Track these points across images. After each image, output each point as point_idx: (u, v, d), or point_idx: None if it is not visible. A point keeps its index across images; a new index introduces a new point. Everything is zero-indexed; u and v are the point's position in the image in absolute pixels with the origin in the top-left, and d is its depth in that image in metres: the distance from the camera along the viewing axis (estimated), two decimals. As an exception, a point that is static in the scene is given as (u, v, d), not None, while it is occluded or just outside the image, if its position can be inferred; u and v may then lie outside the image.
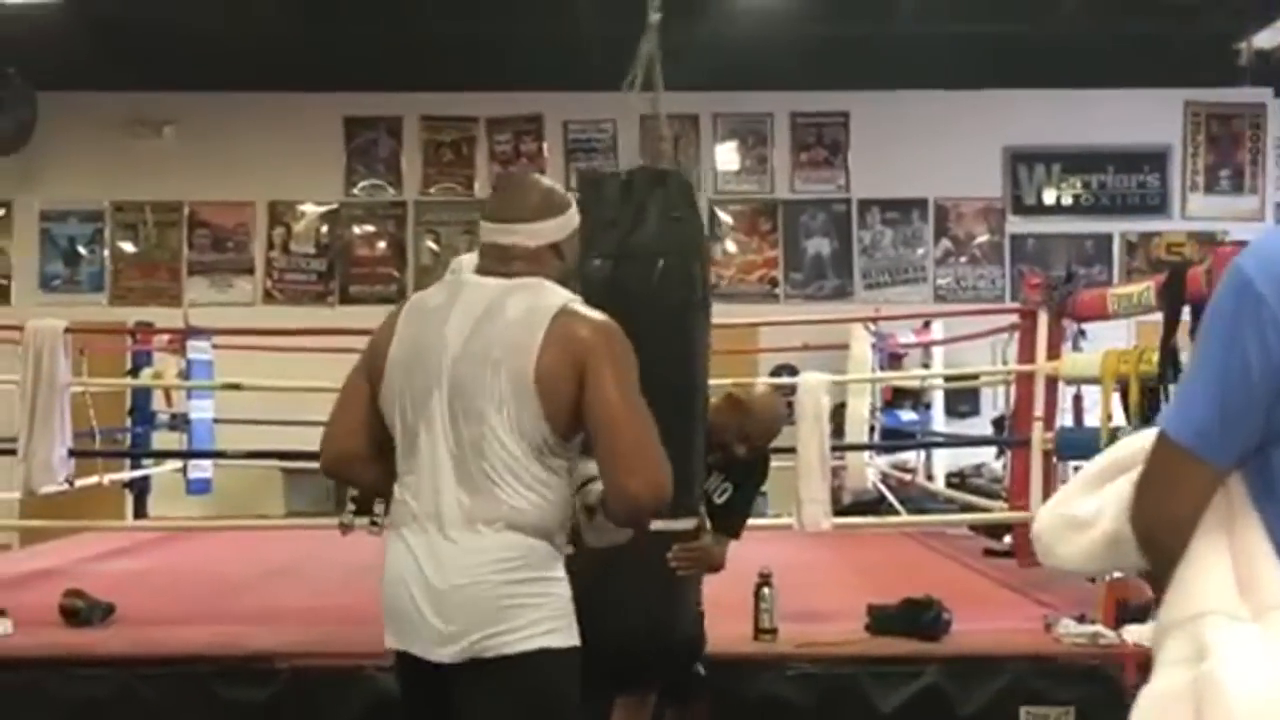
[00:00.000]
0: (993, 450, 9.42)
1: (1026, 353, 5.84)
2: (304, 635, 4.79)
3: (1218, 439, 1.61)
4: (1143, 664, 4.37)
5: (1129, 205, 10.96)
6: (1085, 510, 1.83)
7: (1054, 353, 5.61)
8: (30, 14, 8.96)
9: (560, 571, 2.43)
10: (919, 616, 4.65)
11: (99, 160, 10.77)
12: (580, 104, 10.88)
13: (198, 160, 10.76)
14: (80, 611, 4.96)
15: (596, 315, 2.45)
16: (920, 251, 11.01)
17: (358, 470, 2.63)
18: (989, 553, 7.14)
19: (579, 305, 2.46)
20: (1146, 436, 1.77)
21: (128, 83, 10.49)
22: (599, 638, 2.54)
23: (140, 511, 8.98)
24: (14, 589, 5.52)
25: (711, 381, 3.77)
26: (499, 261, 2.52)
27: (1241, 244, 4.77)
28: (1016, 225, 10.96)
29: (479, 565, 2.35)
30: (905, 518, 7.43)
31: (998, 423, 9.24)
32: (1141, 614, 4.74)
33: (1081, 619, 4.71)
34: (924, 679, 4.46)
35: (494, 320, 2.41)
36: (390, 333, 2.49)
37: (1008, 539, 7.63)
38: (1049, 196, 10.99)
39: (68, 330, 5.77)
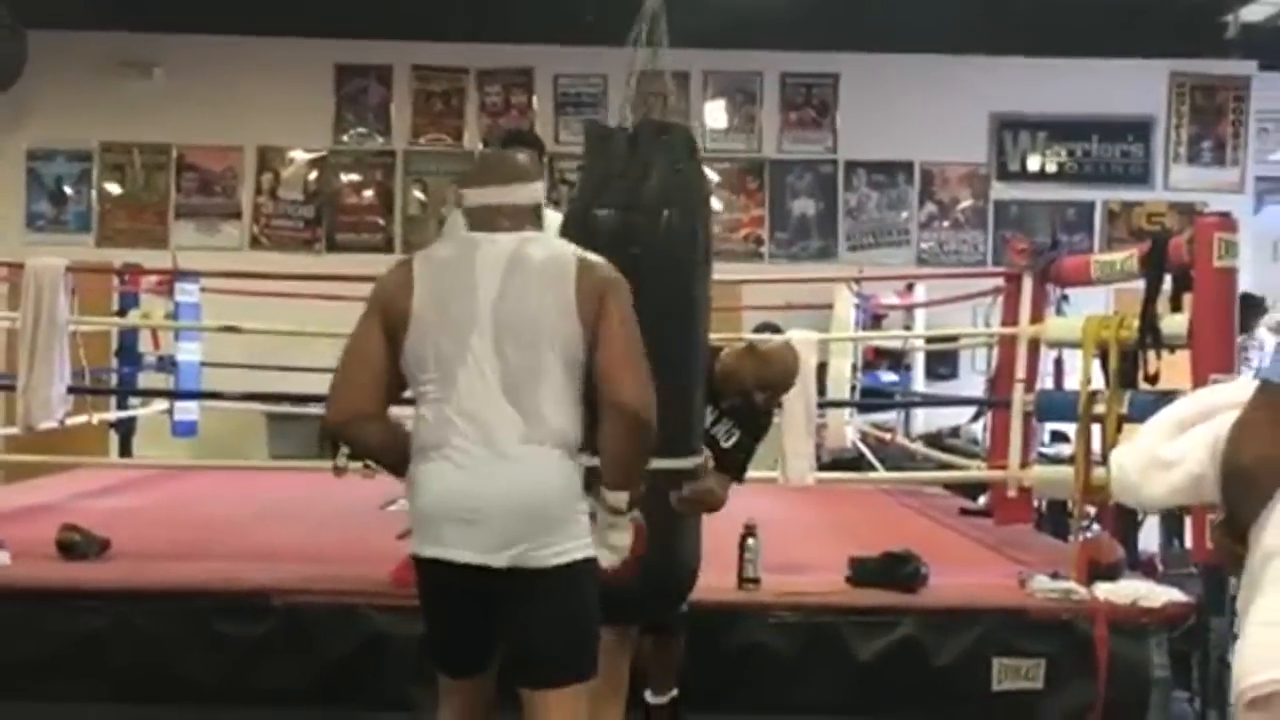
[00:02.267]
0: (969, 413, 9.58)
1: (1010, 316, 5.95)
2: (297, 572, 4.88)
3: None
4: (1112, 619, 4.56)
5: (1112, 174, 11.08)
6: (1172, 452, 2.14)
7: (1037, 317, 5.74)
8: (21, -49, 8.94)
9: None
10: (898, 569, 4.79)
11: (88, 101, 10.74)
12: (571, 58, 10.91)
13: (187, 103, 10.74)
14: (76, 545, 5.05)
15: (601, 261, 2.83)
16: (904, 214, 11.12)
17: (365, 428, 2.85)
18: (965, 512, 7.30)
19: (586, 253, 2.83)
20: (1226, 388, 2.06)
21: (118, 23, 10.45)
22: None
23: (125, 451, 9.05)
24: (8, 523, 5.59)
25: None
26: (488, 223, 2.81)
27: (1222, 214, 4.91)
28: (1000, 191, 11.07)
29: (532, 481, 2.65)
30: (886, 474, 7.56)
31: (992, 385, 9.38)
32: (1112, 572, 4.91)
33: (1055, 576, 4.86)
34: (901, 629, 4.61)
35: (525, 265, 2.73)
36: (405, 286, 2.75)
37: (983, 499, 7.80)
38: (1033, 163, 11.10)
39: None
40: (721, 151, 10.95)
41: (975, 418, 9.16)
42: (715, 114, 11.11)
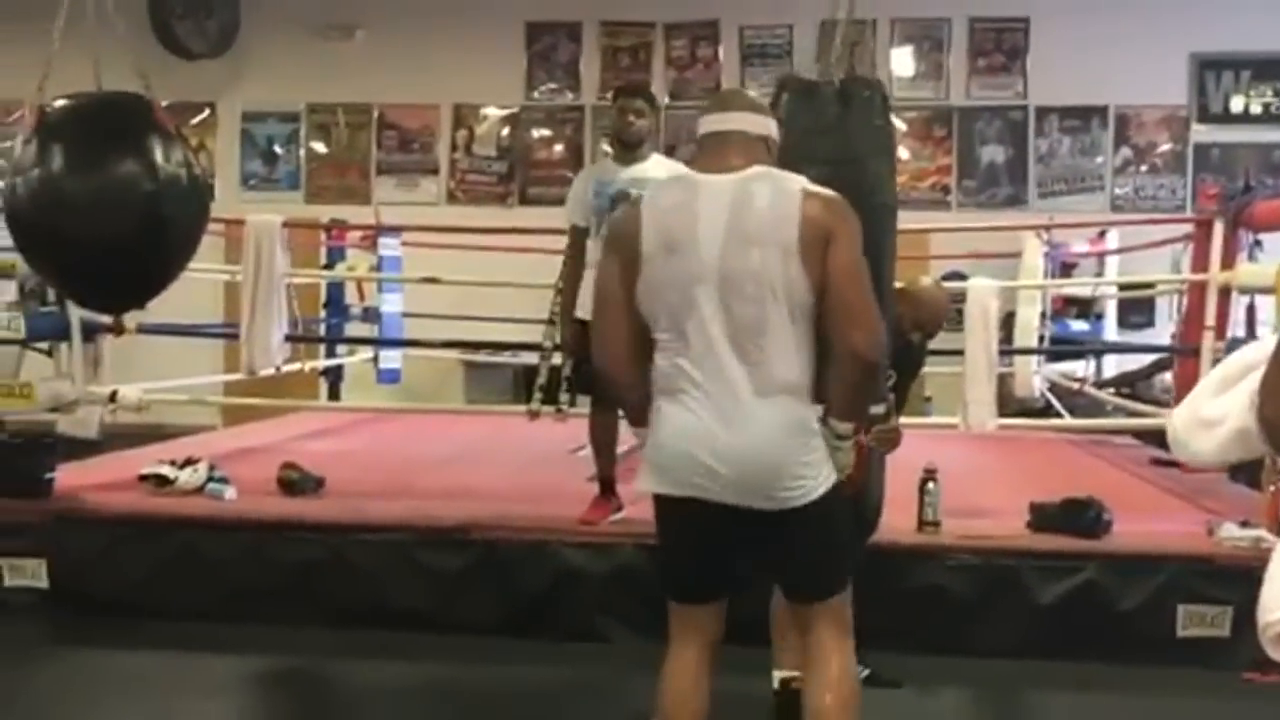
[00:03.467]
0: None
1: (1200, 262, 5.84)
2: (494, 510, 5.17)
3: None
4: (1303, 569, 4.49)
5: (1322, 113, 10.60)
6: (1214, 410, 2.20)
7: (1228, 263, 5.62)
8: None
9: None
10: (1080, 515, 4.81)
11: (295, 63, 11.26)
12: (756, 9, 10.96)
13: (386, 64, 11.17)
14: (295, 482, 5.45)
15: (832, 193, 2.82)
16: (1099, 160, 10.85)
17: (627, 370, 2.92)
18: (1156, 461, 7.19)
19: (814, 185, 2.82)
20: (1264, 345, 2.06)
21: (322, -13, 10.93)
22: None
23: (334, 397, 9.57)
24: (232, 461, 6.02)
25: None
26: (718, 155, 2.87)
27: None
28: (1201, 134, 10.69)
29: (765, 437, 2.76)
30: (1068, 420, 7.45)
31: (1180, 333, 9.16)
32: (1305, 522, 4.82)
33: (1244, 524, 4.81)
34: (1083, 574, 4.64)
35: (748, 208, 2.77)
36: (634, 235, 2.83)
37: (1174, 449, 7.64)
38: (1237, 104, 10.68)
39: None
40: (908, 100, 10.84)
41: (1158, 367, 8.97)
42: (902, 61, 11.01)
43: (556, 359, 5.47)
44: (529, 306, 9.11)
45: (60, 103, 4.29)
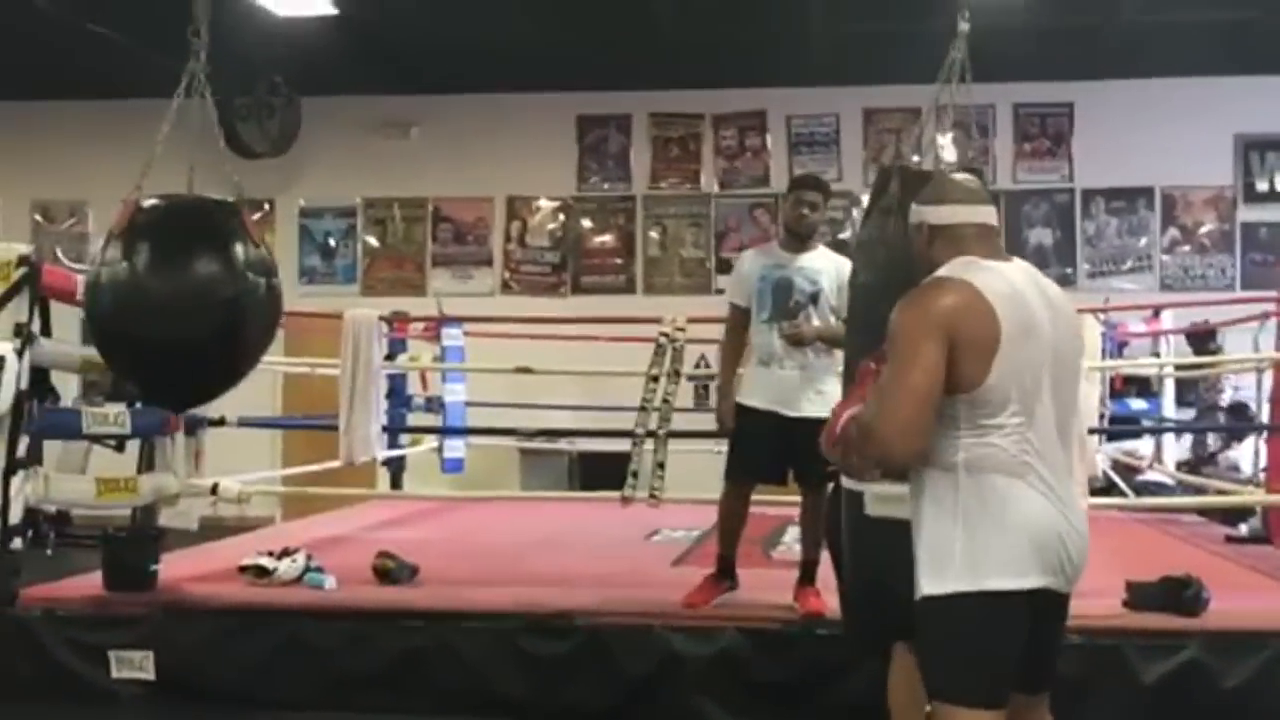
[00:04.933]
0: (1219, 441, 9.40)
1: (1285, 340, 5.94)
2: (594, 596, 5.22)
3: None
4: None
5: (1366, 191, 10.72)
6: None
7: (1314, 340, 5.72)
8: (295, 26, 9.66)
9: None
10: (1180, 593, 4.83)
11: (352, 160, 11.53)
12: (802, 99, 11.20)
13: (441, 159, 11.44)
14: (391, 571, 5.51)
15: None
16: (1144, 240, 10.97)
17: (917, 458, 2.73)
18: (1229, 539, 7.22)
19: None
20: None
21: (379, 87, 11.19)
22: None
23: (395, 486, 9.65)
24: (320, 552, 6.09)
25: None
26: (989, 242, 2.88)
27: None
28: (1247, 213, 10.83)
29: (1084, 521, 2.79)
30: (1153, 499, 7.45)
31: (1233, 409, 9.21)
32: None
33: (1343, 599, 4.82)
34: (1186, 652, 4.64)
35: (1053, 300, 2.81)
36: (983, 313, 2.67)
37: (1243, 526, 7.68)
38: (1282, 184, 10.84)
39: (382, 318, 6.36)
40: (956, 184, 10.97)
41: (1228, 445, 9.01)
42: (946, 147, 11.16)
43: (649, 445, 5.56)
44: (584, 394, 9.29)
45: (151, 202, 4.45)
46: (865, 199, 11.15)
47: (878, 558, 3.46)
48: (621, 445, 9.87)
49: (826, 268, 5.06)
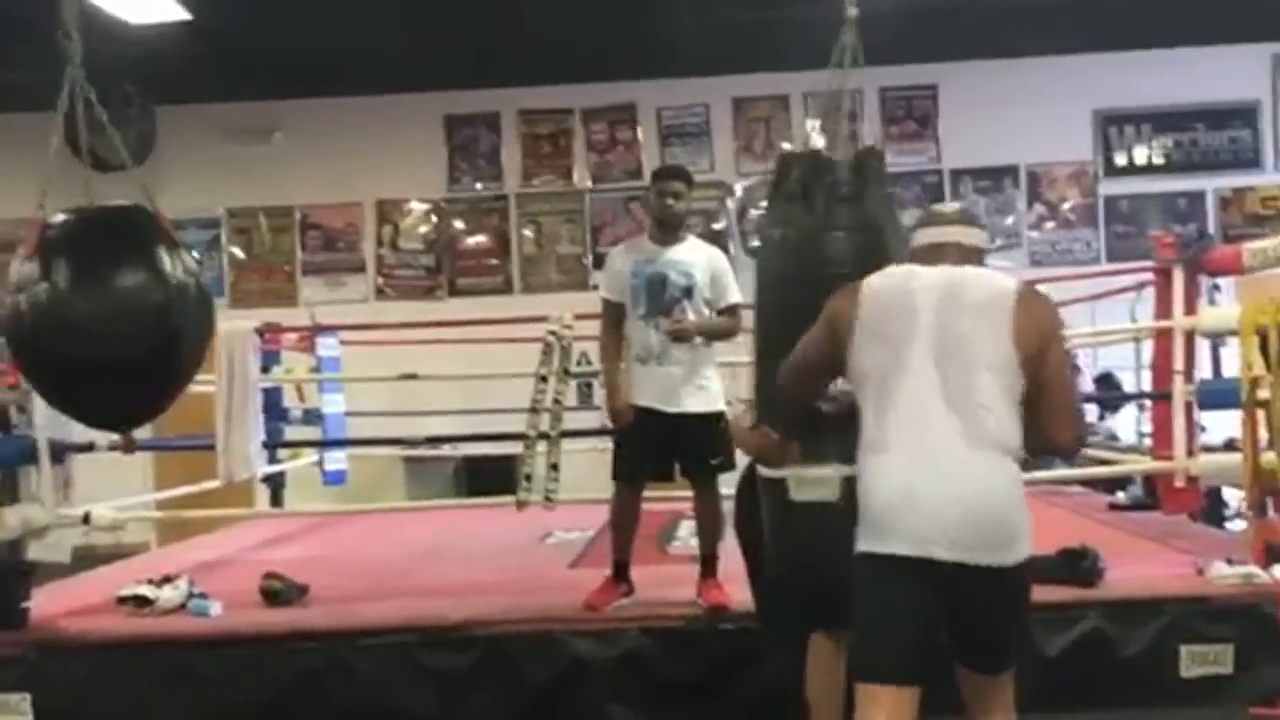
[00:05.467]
0: (1094, 411, 9.59)
1: (1162, 309, 6.03)
2: (491, 604, 5.09)
3: None
4: (1297, 601, 4.61)
5: (1221, 161, 11.02)
6: None
7: (1190, 309, 5.81)
8: (147, 34, 9.32)
9: None
10: (1077, 564, 4.88)
11: (213, 169, 11.15)
12: (672, 91, 11.15)
13: (306, 164, 11.13)
14: (280, 592, 5.32)
15: (1048, 300, 3.03)
16: (1012, 218, 11.16)
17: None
18: (1114, 507, 7.35)
19: (1031, 289, 3.02)
20: None
21: (238, 93, 10.86)
22: None
23: (276, 503, 9.37)
24: (202, 577, 5.86)
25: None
26: (932, 256, 3.07)
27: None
28: (1109, 187, 11.07)
29: (981, 484, 2.81)
30: (1055, 472, 7.48)
31: (1101, 380, 9.41)
32: (1287, 554, 4.96)
33: (1230, 562, 4.92)
34: (1086, 623, 4.70)
35: (961, 291, 2.94)
36: (852, 303, 3.03)
37: (1121, 494, 7.84)
38: (1140, 156, 11.09)
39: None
40: (827, 170, 11.06)
41: (1102, 415, 9.20)
42: (815, 133, 11.25)
43: (541, 447, 5.44)
44: (465, 398, 9.12)
45: (60, 218, 4.21)
46: (739, 189, 11.21)
47: (803, 543, 3.42)
48: (507, 448, 9.87)
49: (699, 260, 5.02)
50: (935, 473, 2.79)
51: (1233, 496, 6.92)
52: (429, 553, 6.85)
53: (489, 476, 10.22)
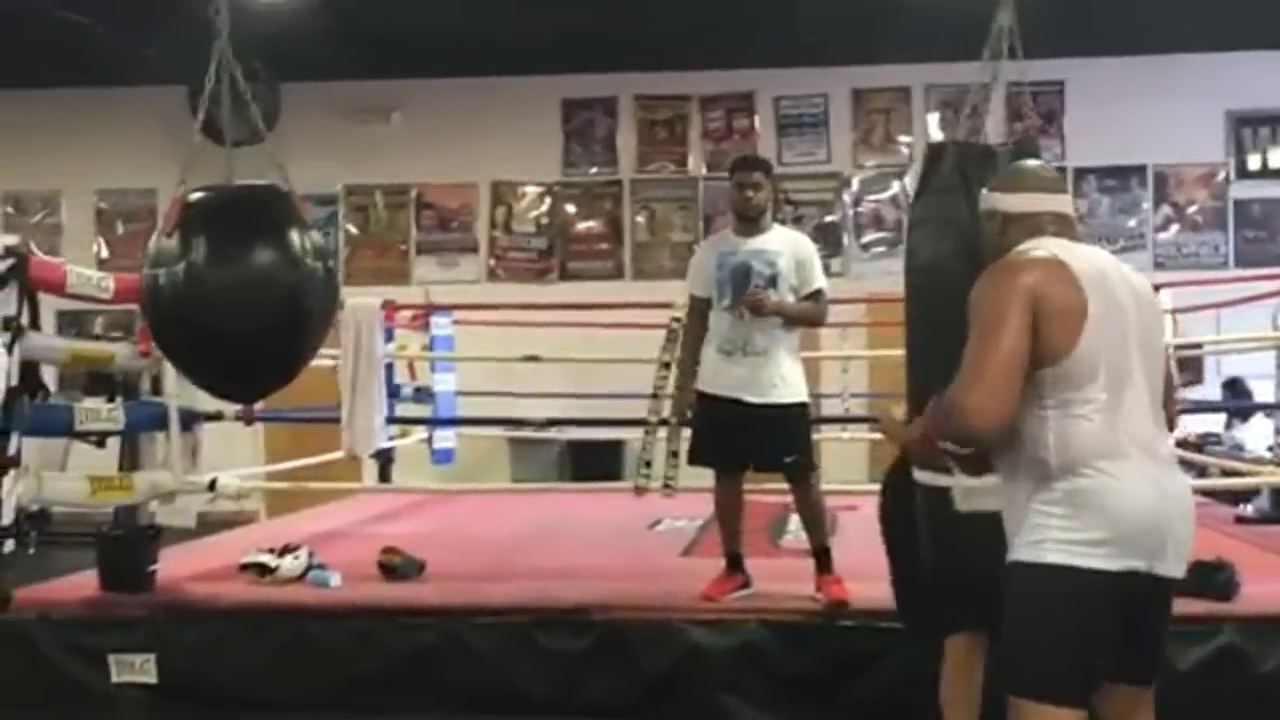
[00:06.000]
0: (1216, 420, 9.35)
1: (1311, 317, 5.85)
2: (608, 589, 5.08)
3: None
4: None
5: (1358, 167, 10.68)
6: None
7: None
8: (274, 10, 9.45)
9: None
10: (1212, 578, 4.72)
11: (332, 146, 11.27)
12: (790, 80, 11.06)
13: (424, 144, 11.24)
14: (398, 567, 5.35)
15: None
16: (1136, 219, 10.89)
17: (998, 436, 2.65)
18: (1239, 520, 7.14)
19: None
20: None
21: (360, 71, 10.96)
22: None
23: (384, 479, 9.45)
24: (318, 547, 5.91)
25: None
26: (1067, 230, 2.81)
27: None
28: (1240, 190, 10.76)
29: (1188, 496, 2.73)
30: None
31: (1228, 386, 9.15)
32: None
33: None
34: (1220, 638, 4.55)
35: (1138, 288, 2.77)
36: (1071, 287, 2.62)
37: (1249, 507, 7.61)
38: (1275, 160, 10.75)
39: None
40: (947, 164, 10.90)
41: (1229, 424, 8.95)
42: (935, 127, 11.08)
43: (662, 433, 5.42)
44: (573, 382, 9.13)
45: (199, 195, 4.27)
46: (855, 181, 11.07)
47: (967, 551, 3.31)
48: (612, 433, 9.89)
49: (782, 248, 4.98)
50: (1162, 487, 2.65)
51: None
52: (541, 534, 6.87)
53: (593, 461, 10.26)
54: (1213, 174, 10.81)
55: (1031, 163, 3.17)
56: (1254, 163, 10.79)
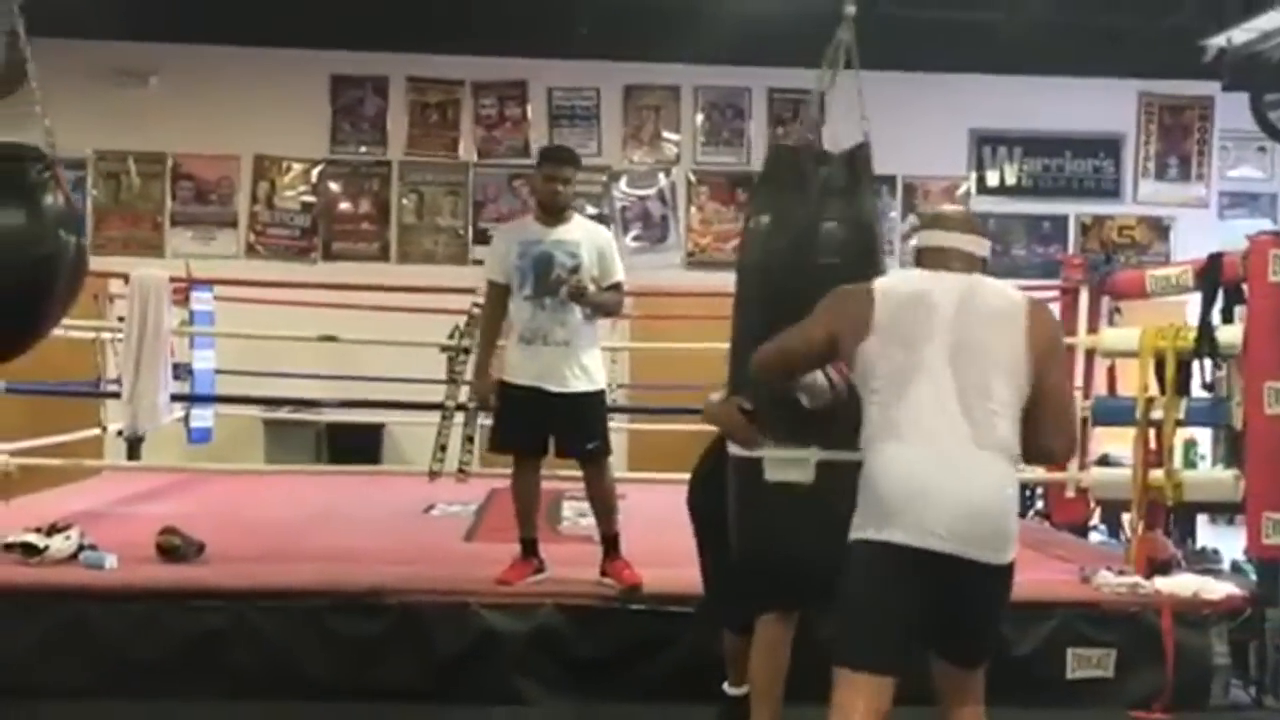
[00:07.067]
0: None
1: (1066, 327, 6.28)
2: (401, 573, 5.05)
3: None
4: (1176, 611, 4.88)
5: (1084, 189, 11.53)
6: None
7: (1094, 328, 6.08)
8: (25, -40, 8.92)
9: None
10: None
11: (83, 108, 10.65)
12: (564, 71, 11.13)
13: (183, 112, 10.77)
14: (177, 548, 5.18)
15: (1051, 312, 3.21)
16: (884, 227, 11.42)
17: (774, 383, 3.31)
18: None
19: (1036, 301, 3.15)
20: None
21: (114, 31, 10.43)
22: None
23: (133, 457, 9.05)
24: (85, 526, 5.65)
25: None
26: (940, 259, 3.13)
27: (1276, 233, 5.24)
28: (980, 204, 11.45)
29: (983, 483, 2.90)
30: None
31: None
32: (1166, 567, 5.25)
33: (1120, 571, 5.17)
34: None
35: (981, 305, 3.03)
36: (867, 302, 3.05)
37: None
38: (1010, 177, 11.52)
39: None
40: (710, 164, 11.24)
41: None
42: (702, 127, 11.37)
43: (459, 418, 5.42)
44: (328, 364, 8.99)
45: None
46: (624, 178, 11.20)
47: (772, 523, 3.49)
48: (372, 416, 9.76)
49: (584, 239, 5.10)
50: (948, 468, 2.88)
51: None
52: (319, 517, 6.76)
53: (352, 444, 10.11)
54: (956, 187, 11.47)
55: (946, 207, 3.72)
56: (992, 179, 11.51)
